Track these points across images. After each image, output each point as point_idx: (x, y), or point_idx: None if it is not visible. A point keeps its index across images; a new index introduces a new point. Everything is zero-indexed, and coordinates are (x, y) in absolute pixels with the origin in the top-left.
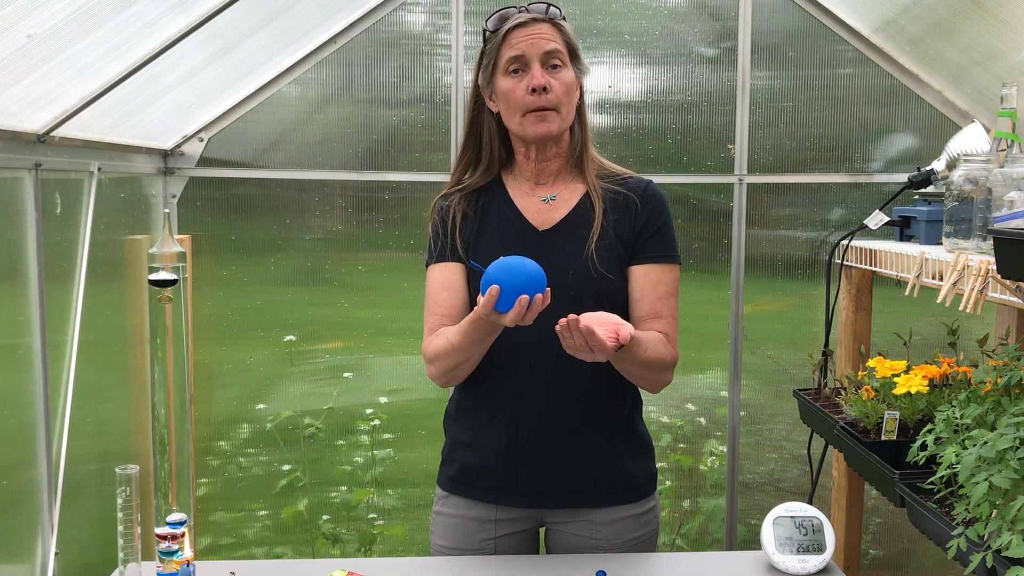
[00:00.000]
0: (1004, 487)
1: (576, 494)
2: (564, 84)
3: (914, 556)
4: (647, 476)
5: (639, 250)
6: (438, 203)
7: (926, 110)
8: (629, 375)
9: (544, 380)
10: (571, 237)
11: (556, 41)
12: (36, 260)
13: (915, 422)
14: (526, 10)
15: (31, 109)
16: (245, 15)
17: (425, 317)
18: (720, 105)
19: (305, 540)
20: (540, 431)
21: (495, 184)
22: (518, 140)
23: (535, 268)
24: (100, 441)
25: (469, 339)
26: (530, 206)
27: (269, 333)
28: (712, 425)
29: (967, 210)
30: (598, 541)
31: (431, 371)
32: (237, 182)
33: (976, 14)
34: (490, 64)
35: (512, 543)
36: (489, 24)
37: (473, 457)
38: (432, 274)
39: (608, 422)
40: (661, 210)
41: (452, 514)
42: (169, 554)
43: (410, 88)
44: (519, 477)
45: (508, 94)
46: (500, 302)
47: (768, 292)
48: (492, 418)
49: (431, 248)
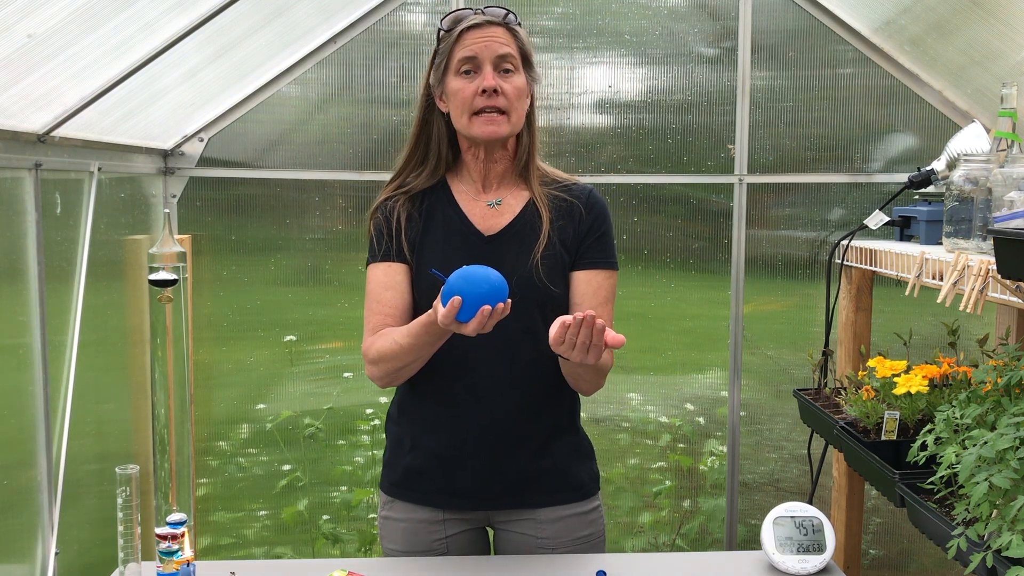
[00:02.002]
0: (1004, 487)
1: (518, 495)
2: (515, 88)
3: (914, 556)
4: (590, 476)
5: (581, 256)
6: (381, 204)
7: (926, 110)
8: (574, 376)
9: (487, 382)
10: (516, 243)
11: (510, 46)
12: (36, 260)
13: (915, 422)
14: (482, 12)
15: (31, 109)
16: (245, 15)
17: (366, 317)
18: (720, 105)
19: (305, 540)
20: (482, 433)
21: (440, 187)
22: (466, 141)
23: (498, 278)
24: (100, 441)
25: (419, 342)
26: (475, 210)
27: (269, 333)
28: (712, 425)
29: (967, 210)
30: (543, 540)
31: (372, 372)
32: (237, 182)
33: (976, 14)
34: (442, 64)
35: (463, 541)
36: (444, 24)
37: (415, 460)
38: (374, 273)
39: (550, 424)
40: (603, 217)
41: (400, 518)
42: (169, 554)
43: (410, 88)
44: (461, 479)
45: (458, 94)
46: (462, 312)
47: (768, 292)
48: (434, 420)
49: (373, 247)
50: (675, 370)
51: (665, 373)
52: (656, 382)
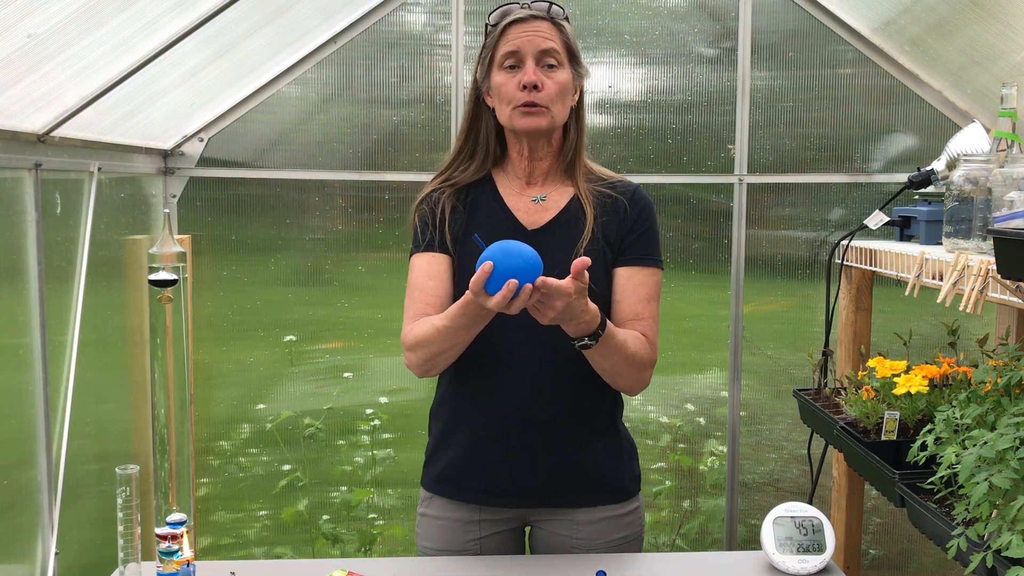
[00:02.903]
0: (1004, 487)
1: (556, 495)
2: (557, 84)
3: (914, 556)
4: (630, 478)
5: (623, 252)
6: (427, 195)
7: (926, 110)
8: (609, 373)
9: (528, 381)
10: (560, 238)
11: (554, 40)
12: (36, 260)
13: (915, 422)
14: (528, 7)
15: (31, 109)
16: (245, 15)
17: (406, 305)
18: (720, 105)
19: (305, 540)
20: (522, 431)
21: (485, 181)
22: (511, 136)
23: (533, 256)
24: (100, 441)
25: (456, 324)
26: (520, 205)
27: (269, 333)
28: (712, 425)
29: (967, 210)
30: (579, 541)
31: (410, 359)
32: (237, 182)
33: (976, 14)
34: (487, 58)
35: (497, 542)
36: (490, 19)
37: (454, 456)
38: (417, 262)
39: (590, 424)
40: (648, 214)
41: (436, 516)
42: (169, 554)
43: (410, 88)
44: (499, 476)
45: (500, 88)
46: (490, 282)
47: (768, 292)
48: (472, 415)
49: (417, 238)
50: (675, 370)
51: (665, 373)
52: (656, 382)
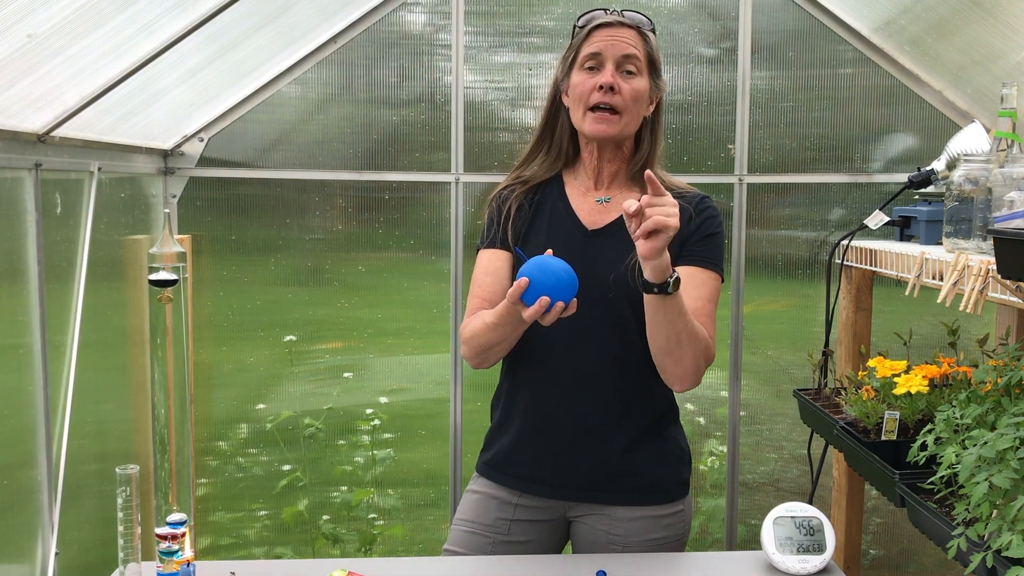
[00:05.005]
0: (1004, 487)
1: (595, 492)
2: (633, 90)
3: (914, 556)
4: (676, 482)
5: (685, 253)
6: (498, 192)
7: (926, 110)
8: (670, 347)
9: (573, 375)
10: (618, 240)
11: (637, 48)
12: (36, 260)
13: (915, 422)
14: (618, 13)
15: (31, 109)
16: (245, 15)
17: (468, 299)
18: (720, 105)
19: (305, 540)
20: (565, 429)
21: (555, 180)
22: (583, 137)
23: (569, 276)
24: (100, 441)
25: (502, 321)
26: (584, 205)
27: (269, 333)
28: (712, 425)
29: (967, 210)
30: (615, 537)
31: (464, 351)
32: (237, 182)
33: (976, 14)
34: (570, 58)
35: (529, 529)
36: (579, 21)
37: (505, 444)
38: (481, 258)
39: (635, 424)
40: (713, 222)
41: (477, 490)
42: (169, 554)
43: (410, 88)
44: (542, 467)
45: (577, 87)
46: (526, 295)
47: (768, 292)
48: (523, 407)
49: (484, 234)
50: None
51: None
52: None
